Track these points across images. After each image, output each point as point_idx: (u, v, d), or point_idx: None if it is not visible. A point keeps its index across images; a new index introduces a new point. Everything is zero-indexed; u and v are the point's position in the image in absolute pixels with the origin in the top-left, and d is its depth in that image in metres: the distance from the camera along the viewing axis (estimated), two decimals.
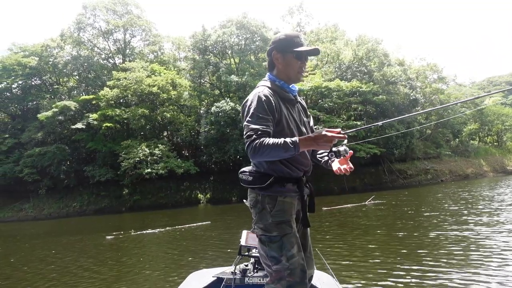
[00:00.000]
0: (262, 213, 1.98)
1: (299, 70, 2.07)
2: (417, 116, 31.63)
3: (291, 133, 2.00)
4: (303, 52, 2.03)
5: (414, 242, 7.26)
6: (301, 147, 1.76)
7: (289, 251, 1.91)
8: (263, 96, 1.92)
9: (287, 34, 2.08)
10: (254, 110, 1.89)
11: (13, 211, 27.51)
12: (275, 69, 2.10)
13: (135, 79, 26.27)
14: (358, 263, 6.11)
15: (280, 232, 1.94)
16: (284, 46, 2.04)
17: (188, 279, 3.14)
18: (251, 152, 1.80)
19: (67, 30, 30.93)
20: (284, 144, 1.76)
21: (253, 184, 1.99)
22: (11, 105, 32.54)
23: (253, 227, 2.04)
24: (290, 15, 33.72)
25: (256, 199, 2.01)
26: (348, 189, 25.81)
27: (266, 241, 1.95)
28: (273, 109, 1.92)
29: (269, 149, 1.76)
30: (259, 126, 1.83)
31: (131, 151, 24.32)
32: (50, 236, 14.79)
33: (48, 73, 31.71)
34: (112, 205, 26.22)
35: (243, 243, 2.92)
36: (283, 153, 1.78)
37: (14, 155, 28.32)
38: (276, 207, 1.96)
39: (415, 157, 30.53)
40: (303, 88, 26.25)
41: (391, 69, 27.75)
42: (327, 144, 1.75)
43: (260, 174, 2.00)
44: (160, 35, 33.53)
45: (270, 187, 1.95)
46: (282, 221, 1.95)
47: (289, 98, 2.10)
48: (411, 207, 13.25)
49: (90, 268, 7.79)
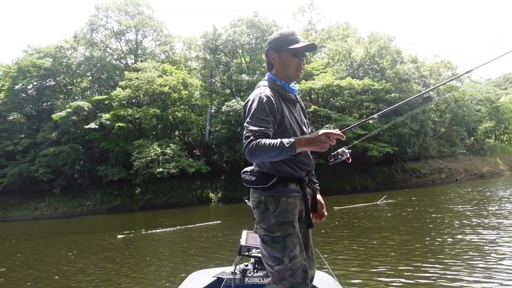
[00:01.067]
0: (265, 213, 1.96)
1: (297, 67, 2.05)
2: (431, 114, 31.18)
3: (294, 133, 1.98)
4: (299, 49, 2.01)
5: (422, 245, 7.02)
6: (298, 147, 1.73)
7: (291, 252, 1.90)
8: (264, 97, 1.90)
9: (281, 33, 2.06)
10: (254, 111, 1.87)
11: (29, 209, 28.06)
12: (274, 69, 2.09)
13: (146, 79, 26.50)
14: (360, 264, 6.01)
15: (283, 232, 1.93)
16: (279, 45, 2.02)
17: (188, 279, 3.14)
18: (248, 153, 1.79)
19: (80, 31, 31.38)
20: (280, 145, 1.73)
21: (256, 184, 1.98)
22: (26, 105, 33.18)
23: (255, 227, 2.02)
24: (301, 13, 33.51)
25: (259, 199, 1.99)
26: (360, 188, 25.55)
27: (269, 242, 1.94)
28: (274, 110, 1.90)
29: (265, 150, 1.74)
30: (258, 127, 1.82)
31: (143, 150, 24.54)
32: (60, 234, 15.02)
33: (62, 74, 32.21)
34: (125, 204, 26.51)
35: (243, 243, 2.93)
36: (280, 154, 1.75)
37: (29, 155, 28.90)
38: (279, 207, 1.95)
39: (429, 155, 30.02)
40: (314, 87, 26.06)
41: (404, 66, 27.32)
42: (324, 145, 1.73)
43: (263, 174, 1.98)
44: (171, 35, 33.73)
45: (273, 187, 1.94)
46: (285, 221, 1.94)
47: (290, 98, 2.08)
48: (423, 207, 13.02)
49: (95, 265, 7.88)
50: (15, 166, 28.36)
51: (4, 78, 32.30)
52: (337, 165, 11.06)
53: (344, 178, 26.84)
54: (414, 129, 26.18)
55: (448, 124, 34.05)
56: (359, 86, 25.67)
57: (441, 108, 33.56)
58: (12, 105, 31.87)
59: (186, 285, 2.97)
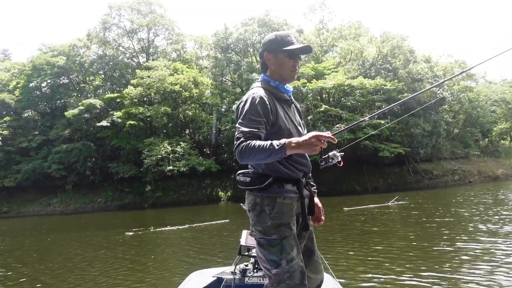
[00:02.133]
0: (260, 215, 1.92)
1: (293, 68, 2.03)
2: (445, 115, 30.69)
3: (289, 133, 1.94)
4: (295, 50, 1.99)
5: (428, 251, 6.72)
6: (288, 150, 1.68)
7: (288, 254, 1.86)
8: (257, 98, 1.87)
9: (277, 34, 2.04)
10: (246, 112, 1.85)
11: (42, 205, 28.53)
12: (268, 70, 2.06)
13: (158, 77, 26.66)
14: (363, 267, 5.89)
15: (279, 235, 1.88)
16: (275, 46, 2.00)
17: (188, 279, 3.14)
18: (238, 155, 1.76)
19: (93, 30, 31.72)
20: (270, 147, 1.69)
21: (251, 185, 1.93)
22: (40, 103, 33.75)
23: (251, 229, 1.98)
24: (312, 12, 33.24)
25: (255, 201, 1.95)
26: (370, 189, 25.29)
27: (265, 245, 1.90)
28: (267, 111, 1.87)
29: (255, 151, 1.71)
30: (249, 128, 1.79)
31: (153, 148, 24.71)
32: (69, 230, 15.19)
33: (75, 72, 32.63)
34: (135, 201, 26.74)
35: (243, 243, 2.93)
36: (270, 156, 1.71)
37: (43, 152, 29.38)
38: (275, 208, 1.90)
39: (442, 157, 29.55)
40: (325, 86, 25.87)
41: (417, 66, 26.92)
42: (314, 148, 1.67)
43: (258, 174, 1.94)
44: (183, 34, 33.88)
45: (268, 187, 1.89)
46: (281, 223, 1.90)
47: (285, 99, 2.05)
48: (434, 210, 12.80)
49: (98, 262, 7.95)
50: (29, 163, 28.88)
51: (19, 76, 32.86)
52: (348, 166, 11.09)
53: (355, 179, 26.60)
54: (426, 129, 25.78)
55: (461, 125, 33.46)
56: (371, 86, 25.40)
57: (455, 109, 33.01)
58: (26, 102, 32.42)
59: (186, 285, 2.97)
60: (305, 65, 28.61)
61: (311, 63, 28.38)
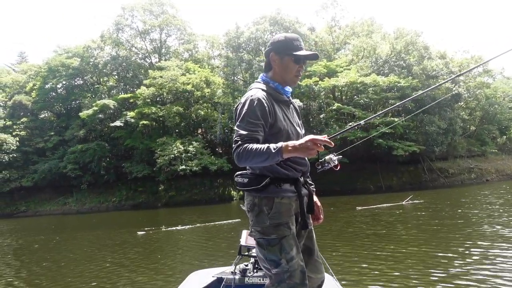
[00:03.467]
0: (259, 215, 1.93)
1: (296, 73, 2.04)
2: (461, 112, 30.06)
3: (288, 135, 1.96)
4: (301, 56, 1.99)
5: (437, 255, 6.36)
6: (285, 153, 1.70)
7: (288, 254, 1.87)
8: (256, 100, 1.88)
9: (286, 36, 2.03)
10: (244, 114, 1.86)
11: (58, 204, 29.05)
12: (271, 71, 2.06)
13: (170, 77, 26.84)
14: (365, 266, 5.78)
15: (278, 234, 1.89)
16: (283, 48, 1.99)
17: (188, 279, 3.14)
18: (236, 158, 1.78)
19: (107, 31, 32.13)
20: (267, 150, 1.71)
21: (248, 186, 1.94)
22: (56, 104, 34.36)
23: (251, 230, 2.00)
24: (324, 10, 32.98)
25: (253, 202, 1.95)
26: (384, 188, 24.95)
27: (265, 244, 1.92)
28: (265, 114, 1.87)
29: (252, 155, 1.73)
30: (247, 131, 1.81)
31: (166, 148, 24.89)
32: (82, 229, 15.42)
33: (89, 73, 33.10)
34: (149, 201, 26.99)
35: (243, 243, 2.93)
36: (266, 159, 1.73)
37: (58, 152, 29.92)
38: (273, 208, 1.91)
39: (458, 155, 28.95)
40: (338, 84, 25.62)
41: (431, 62, 26.41)
42: (311, 151, 1.69)
43: (255, 175, 1.95)
44: (195, 34, 34.03)
45: (266, 188, 1.91)
46: (280, 223, 1.91)
47: (283, 100, 2.05)
48: (449, 209, 12.52)
49: (103, 261, 8.02)
50: (45, 163, 29.46)
51: (36, 77, 33.52)
52: (362, 165, 10.91)
53: (368, 178, 26.31)
54: (442, 127, 25.28)
55: (478, 122, 32.72)
56: (384, 83, 25.05)
57: (471, 106, 32.29)
58: (43, 103, 33.06)
59: (185, 285, 2.96)
60: (317, 63, 28.38)
61: (323, 61, 28.15)
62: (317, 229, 6.84)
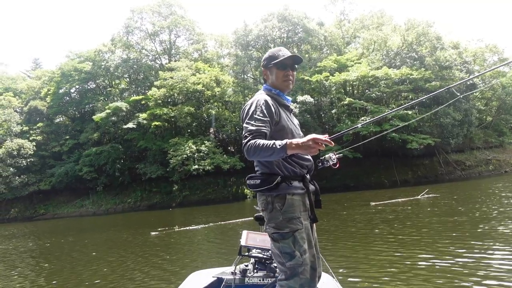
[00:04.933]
0: (273, 212, 2.05)
1: (284, 78, 2.22)
2: (476, 102, 29.39)
3: (291, 132, 2.13)
4: (281, 61, 2.19)
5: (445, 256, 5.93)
6: (289, 150, 1.82)
7: (301, 247, 2.00)
8: (262, 100, 2.08)
9: (270, 52, 2.30)
10: (252, 113, 2.03)
11: (75, 207, 29.61)
12: (267, 82, 2.30)
13: (180, 78, 26.97)
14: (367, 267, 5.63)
15: (291, 228, 2.01)
16: (267, 62, 2.26)
17: (188, 279, 3.13)
18: (245, 152, 1.92)
19: (117, 35, 32.50)
20: (273, 146, 1.83)
21: (261, 186, 2.06)
22: (70, 108, 34.96)
23: (265, 227, 2.11)
24: (333, 3, 32.68)
25: (267, 201, 2.08)
26: (400, 182, 24.62)
27: (279, 239, 2.03)
28: (271, 112, 2.05)
29: (259, 149, 1.86)
30: (255, 127, 1.96)
31: (178, 148, 25.05)
32: (96, 231, 15.63)
33: (101, 76, 33.55)
34: (163, 201, 27.25)
35: (243, 243, 2.94)
36: (272, 154, 1.85)
37: (74, 155, 30.48)
38: (285, 205, 2.04)
39: (474, 146, 28.37)
40: (349, 78, 25.33)
41: (444, 52, 25.86)
42: (311, 150, 1.81)
43: (266, 175, 2.08)
44: (203, 34, 34.11)
45: (277, 187, 2.03)
46: (292, 217, 2.03)
47: (285, 104, 2.25)
48: (467, 203, 12.23)
49: (111, 262, 8.09)
50: (61, 166, 30.04)
51: (50, 83, 34.15)
52: (376, 159, 10.76)
53: (383, 172, 26.01)
54: (457, 119, 24.76)
55: (495, 112, 31.96)
56: (396, 76, 24.66)
57: (487, 96, 31.56)
58: (57, 108, 33.67)
59: (185, 285, 2.96)
60: (327, 57, 28.13)
61: (333, 56, 27.87)
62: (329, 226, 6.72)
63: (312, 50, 31.12)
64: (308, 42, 29.83)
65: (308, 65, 28.36)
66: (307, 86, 27.29)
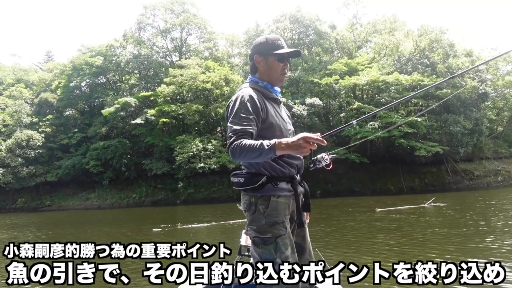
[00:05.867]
0: (255, 214, 1.94)
1: (282, 72, 2.08)
2: (487, 112, 29.02)
3: (280, 129, 1.99)
4: (284, 54, 2.04)
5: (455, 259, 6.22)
6: (278, 150, 1.69)
7: (283, 253, 1.88)
8: (246, 96, 1.92)
9: (267, 38, 2.08)
10: (237, 110, 1.89)
11: (81, 200, 29.80)
12: (258, 72, 2.11)
13: (190, 75, 27.02)
14: None
15: (274, 233, 1.90)
16: (266, 49, 2.05)
17: None
18: (230, 154, 1.80)
19: (129, 30, 32.69)
20: (260, 147, 1.71)
21: (245, 185, 1.94)
22: (80, 102, 35.23)
23: (246, 229, 2.00)
24: (345, 7, 32.50)
25: (250, 202, 1.96)
26: (406, 189, 24.37)
27: (260, 243, 1.92)
28: (257, 109, 1.90)
29: (245, 151, 1.73)
30: (241, 126, 1.83)
31: (185, 145, 25.09)
32: (98, 225, 15.69)
33: (112, 71, 33.75)
34: (168, 198, 27.30)
35: (243, 243, 2.87)
36: (260, 155, 1.73)
37: (82, 148, 30.69)
38: (269, 207, 1.92)
39: (484, 156, 27.96)
40: (359, 83, 25.16)
41: (457, 60, 25.54)
42: (303, 149, 1.67)
43: (251, 174, 1.95)
44: (215, 32, 34.15)
45: (262, 187, 1.91)
46: (275, 222, 1.91)
47: (273, 97, 2.09)
48: (475, 213, 12.05)
49: None
50: (69, 158, 30.27)
51: (61, 76, 34.45)
52: (383, 165, 10.60)
53: (389, 179, 25.76)
54: (467, 127, 24.45)
55: (506, 122, 31.50)
56: (407, 82, 24.42)
57: (499, 106, 31.11)
58: (67, 101, 33.96)
59: (184, 285, 2.91)
60: (338, 61, 27.97)
61: (344, 59, 27.71)
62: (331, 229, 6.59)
63: (323, 53, 30.98)
64: (319, 45, 29.71)
65: (318, 67, 28.24)
66: (316, 88, 27.17)
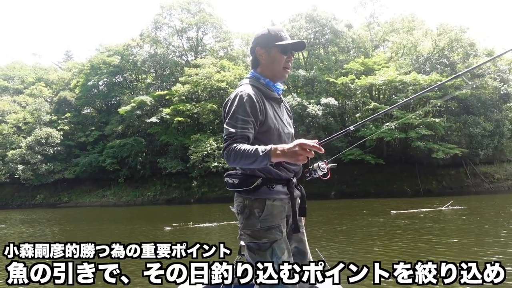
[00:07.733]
0: (249, 218, 1.84)
1: (285, 65, 1.94)
2: (509, 113, 28.13)
3: (278, 133, 1.88)
4: (287, 45, 1.90)
5: None
6: (273, 157, 1.58)
7: (279, 259, 1.79)
8: (245, 96, 1.79)
9: (269, 29, 1.95)
10: (234, 111, 1.77)
11: (97, 197, 30.34)
12: (260, 66, 1.97)
13: (205, 75, 27.14)
14: None
15: (269, 238, 1.82)
16: (267, 41, 1.91)
17: None
18: (225, 158, 1.71)
19: (146, 30, 33.08)
20: (255, 153, 1.60)
21: (239, 187, 1.84)
22: (97, 100, 35.89)
23: (240, 233, 1.90)
24: (362, 6, 32.09)
25: (244, 204, 1.86)
26: (423, 191, 23.87)
27: (255, 249, 1.83)
28: (256, 110, 1.79)
29: (239, 156, 1.64)
30: (237, 129, 1.72)
31: (199, 145, 25.22)
32: (113, 222, 15.87)
33: (129, 70, 34.24)
34: (182, 196, 27.50)
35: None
36: (254, 162, 1.62)
37: (98, 146, 31.26)
38: (265, 211, 1.83)
39: (505, 159, 27.14)
40: (375, 82, 24.78)
41: (477, 60, 24.85)
42: (299, 157, 1.55)
43: (246, 176, 1.84)
44: (230, 32, 34.25)
45: (257, 189, 1.81)
46: (271, 226, 1.83)
47: (274, 97, 1.96)
48: (495, 218, 11.65)
49: None
50: (86, 156, 30.88)
51: (79, 75, 35.16)
52: (399, 167, 10.33)
53: (406, 181, 25.31)
54: (487, 129, 23.79)
55: None
56: (425, 81, 23.87)
57: None
58: (85, 100, 34.64)
59: (184, 285, 2.86)
60: (354, 60, 27.62)
61: (361, 58, 27.34)
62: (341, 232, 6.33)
63: (339, 52, 30.65)
64: (336, 44, 29.40)
65: (334, 67, 27.93)
66: (332, 88, 26.89)
